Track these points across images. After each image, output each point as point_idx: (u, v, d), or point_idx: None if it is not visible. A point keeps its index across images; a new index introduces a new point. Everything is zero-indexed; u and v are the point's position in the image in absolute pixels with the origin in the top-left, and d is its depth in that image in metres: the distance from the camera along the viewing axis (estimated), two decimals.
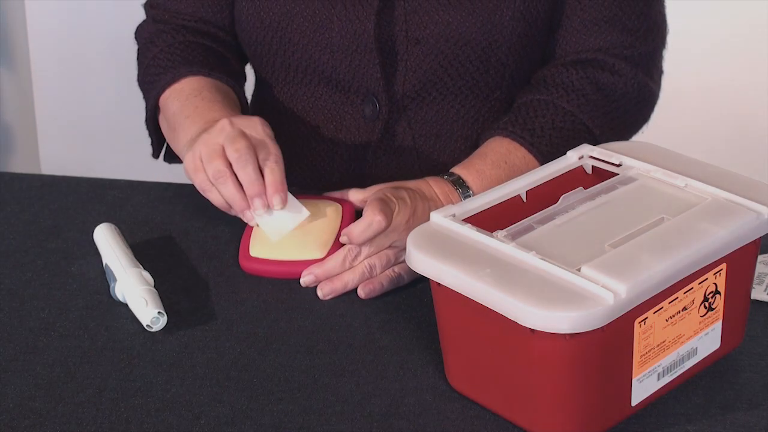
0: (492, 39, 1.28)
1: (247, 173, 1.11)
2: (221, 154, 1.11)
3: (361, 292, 1.12)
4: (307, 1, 1.28)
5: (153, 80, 1.31)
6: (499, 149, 1.24)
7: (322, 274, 1.13)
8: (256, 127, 1.15)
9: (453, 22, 1.26)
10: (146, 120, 1.33)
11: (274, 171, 1.12)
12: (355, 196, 1.21)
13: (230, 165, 1.11)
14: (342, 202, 1.21)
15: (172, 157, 1.36)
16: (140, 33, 1.39)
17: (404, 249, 1.13)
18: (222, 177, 1.11)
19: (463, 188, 1.20)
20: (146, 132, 1.37)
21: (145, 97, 1.34)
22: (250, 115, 1.17)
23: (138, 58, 1.38)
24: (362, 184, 1.23)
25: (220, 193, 1.12)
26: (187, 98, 1.25)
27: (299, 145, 1.38)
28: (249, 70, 1.44)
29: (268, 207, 1.12)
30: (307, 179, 1.38)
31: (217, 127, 1.14)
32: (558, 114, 1.26)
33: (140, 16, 1.41)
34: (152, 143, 1.36)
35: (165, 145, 1.36)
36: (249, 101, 1.49)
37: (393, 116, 1.33)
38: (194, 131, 1.19)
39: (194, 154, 1.13)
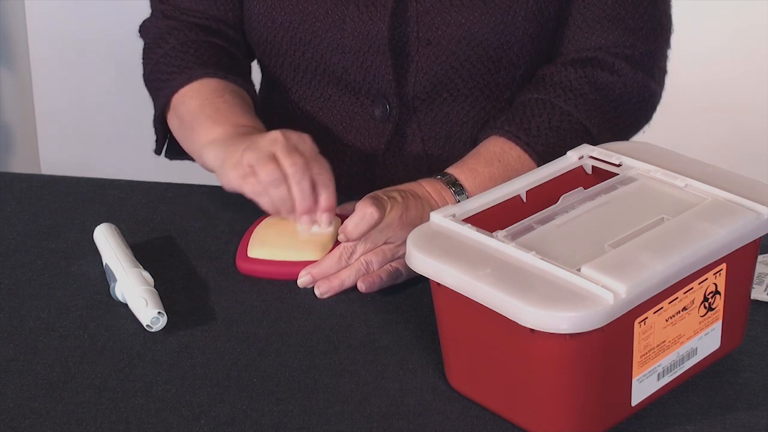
0: (504, 40, 1.27)
1: (302, 188, 1.09)
2: (275, 160, 1.10)
3: (362, 286, 1.12)
4: (320, 2, 1.28)
5: (165, 78, 1.30)
6: (493, 148, 1.24)
7: (318, 274, 1.13)
8: (306, 142, 1.13)
9: (465, 23, 1.26)
10: (155, 117, 1.32)
11: (328, 188, 1.11)
12: (348, 207, 1.21)
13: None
14: (341, 215, 1.21)
15: (175, 154, 1.35)
16: (147, 29, 1.37)
17: (400, 245, 1.13)
18: (277, 181, 1.09)
19: (456, 187, 1.19)
20: (146, 132, 1.36)
21: (154, 95, 1.33)
22: (299, 132, 1.15)
23: (145, 55, 1.36)
24: (372, 186, 1.23)
25: (270, 196, 1.11)
26: (206, 98, 1.25)
27: None
28: (255, 69, 1.44)
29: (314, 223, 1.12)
30: None
31: (269, 137, 1.12)
32: (555, 113, 1.26)
33: (141, 15, 1.40)
34: (157, 140, 1.35)
35: (167, 142, 1.35)
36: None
37: (403, 118, 1.33)
38: (220, 133, 1.19)
39: (241, 162, 1.11)
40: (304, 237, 1.14)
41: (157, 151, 1.36)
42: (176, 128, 1.30)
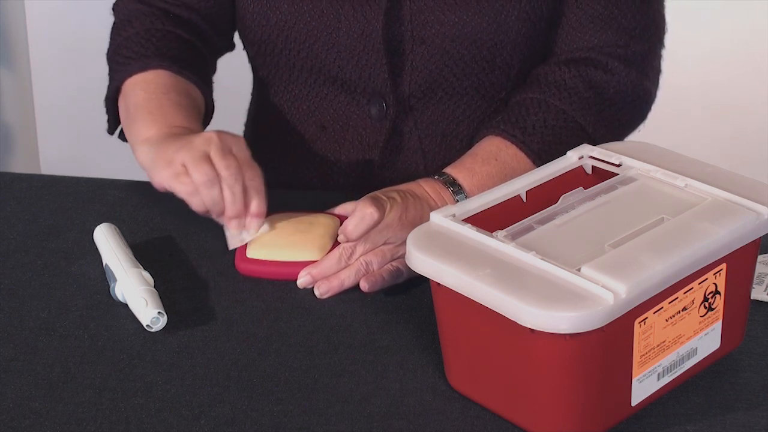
0: (497, 39, 1.28)
1: (233, 192, 1.11)
2: (209, 161, 1.11)
3: (364, 285, 1.12)
4: (315, 1, 1.28)
5: (122, 62, 1.30)
6: (490, 147, 1.24)
7: (318, 274, 1.13)
8: (241, 146, 1.14)
9: (459, 22, 1.27)
10: (106, 98, 1.33)
11: (260, 194, 1.12)
12: (347, 207, 1.21)
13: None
14: (339, 216, 1.21)
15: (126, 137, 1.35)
16: (118, 8, 1.38)
17: (400, 245, 1.13)
18: (211, 181, 1.10)
19: (454, 186, 1.19)
20: None
21: (110, 76, 1.33)
22: (235, 134, 1.16)
23: (111, 33, 1.37)
24: (369, 185, 1.23)
25: (202, 197, 1.12)
26: (154, 92, 1.25)
27: (304, 146, 1.38)
28: (245, 69, 1.44)
29: (244, 228, 1.14)
30: (313, 180, 1.38)
31: (203, 137, 1.13)
32: (550, 112, 1.26)
33: None
34: (108, 120, 1.35)
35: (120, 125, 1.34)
36: (250, 100, 1.49)
37: (400, 116, 1.33)
38: (154, 132, 1.19)
39: (174, 161, 1.12)
40: (235, 245, 1.16)
41: (110, 131, 1.36)
42: (123, 115, 1.30)
